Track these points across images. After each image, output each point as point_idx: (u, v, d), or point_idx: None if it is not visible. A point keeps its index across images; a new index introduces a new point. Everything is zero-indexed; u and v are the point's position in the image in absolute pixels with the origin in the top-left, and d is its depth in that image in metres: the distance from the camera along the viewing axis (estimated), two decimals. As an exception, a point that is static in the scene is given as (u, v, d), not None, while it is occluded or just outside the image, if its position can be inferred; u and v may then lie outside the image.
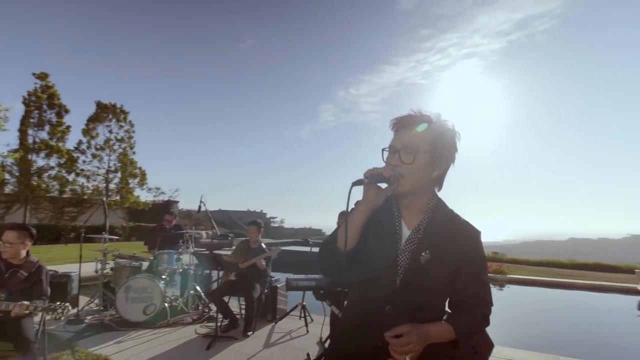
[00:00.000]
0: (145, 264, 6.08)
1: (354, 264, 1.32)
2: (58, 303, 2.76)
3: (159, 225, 6.15)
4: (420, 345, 1.19)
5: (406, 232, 1.35)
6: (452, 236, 1.32)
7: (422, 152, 1.27)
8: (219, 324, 4.62)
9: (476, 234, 1.36)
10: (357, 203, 1.44)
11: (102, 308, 5.37)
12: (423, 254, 1.29)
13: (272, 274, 5.44)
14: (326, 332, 4.27)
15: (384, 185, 1.29)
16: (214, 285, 5.88)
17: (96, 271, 5.46)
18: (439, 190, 1.41)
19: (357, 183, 1.22)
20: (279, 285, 5.63)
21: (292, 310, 5.35)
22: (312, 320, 5.17)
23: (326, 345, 4.17)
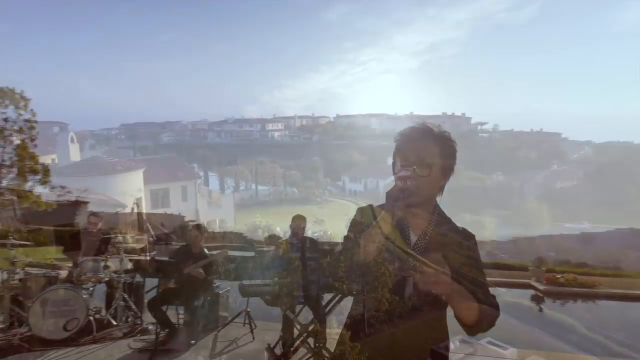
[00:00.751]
0: (63, 273, 5.38)
1: (365, 268, 1.35)
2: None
3: (83, 229, 5.50)
4: (452, 283, 1.15)
5: (413, 237, 1.42)
6: (454, 240, 1.41)
7: (435, 164, 1.36)
8: (154, 336, 4.27)
9: (472, 237, 1.47)
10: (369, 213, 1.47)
11: (7, 326, 4.62)
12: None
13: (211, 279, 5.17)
14: (275, 338, 4.20)
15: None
16: (149, 295, 5.42)
17: (1, 282, 4.67)
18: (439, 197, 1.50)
19: (391, 195, 1.27)
20: (220, 292, 5.39)
21: (236, 317, 5.15)
22: (256, 326, 5.03)
23: (276, 351, 4.09)
